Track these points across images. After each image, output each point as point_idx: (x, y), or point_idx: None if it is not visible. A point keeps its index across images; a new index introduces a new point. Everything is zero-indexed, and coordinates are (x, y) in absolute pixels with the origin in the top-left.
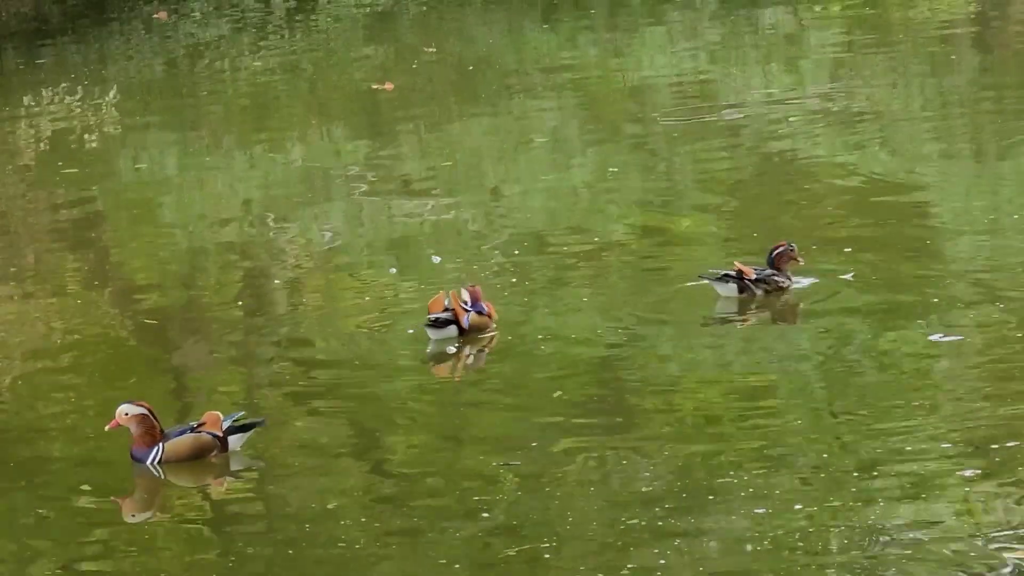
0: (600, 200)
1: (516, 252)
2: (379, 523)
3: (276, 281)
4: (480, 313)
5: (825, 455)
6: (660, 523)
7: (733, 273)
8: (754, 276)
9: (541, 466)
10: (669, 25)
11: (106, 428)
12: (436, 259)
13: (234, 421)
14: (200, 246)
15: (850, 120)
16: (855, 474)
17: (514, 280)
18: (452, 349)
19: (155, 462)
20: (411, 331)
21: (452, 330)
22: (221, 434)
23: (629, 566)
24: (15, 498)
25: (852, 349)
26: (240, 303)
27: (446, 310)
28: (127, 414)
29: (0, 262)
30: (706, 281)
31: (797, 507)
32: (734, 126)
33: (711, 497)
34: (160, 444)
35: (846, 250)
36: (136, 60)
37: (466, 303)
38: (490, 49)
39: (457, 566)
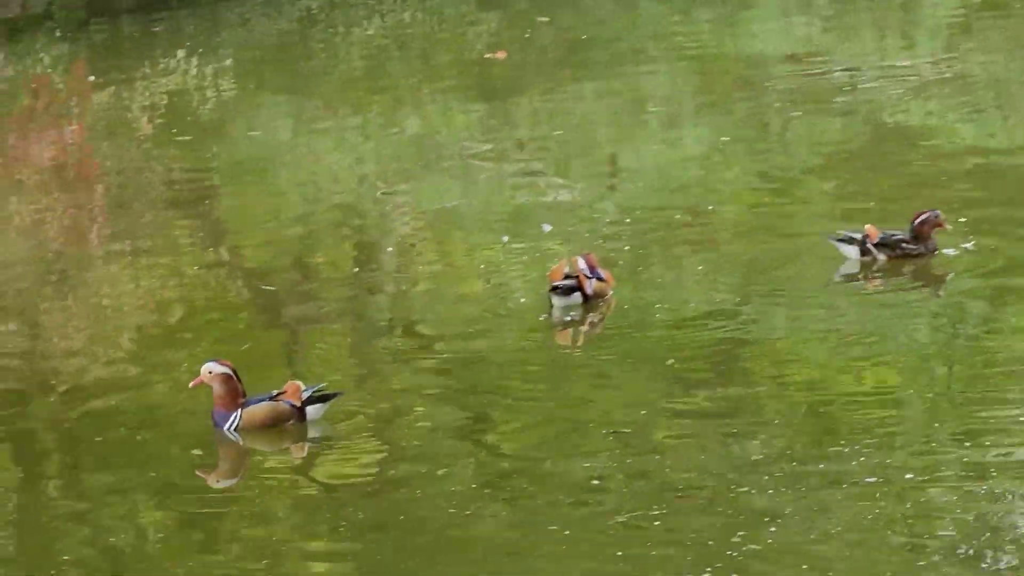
0: (713, 168)
1: (627, 220)
2: (489, 489)
3: (388, 248)
4: (599, 280)
5: (938, 427)
6: (771, 491)
7: (858, 236)
8: (877, 239)
9: (652, 434)
10: None
11: (190, 385)
12: (546, 227)
13: (314, 392)
14: (313, 212)
15: (966, 88)
16: (969, 448)
17: (627, 248)
18: (570, 316)
19: (232, 428)
20: (523, 300)
21: (576, 297)
22: (299, 404)
23: (740, 533)
24: (129, 457)
25: (971, 321)
26: (352, 270)
27: (567, 277)
28: (211, 372)
29: (117, 227)
30: (832, 241)
31: (908, 476)
32: (848, 94)
33: (821, 465)
34: (239, 410)
35: (961, 220)
36: (249, 28)
37: (584, 271)
38: (603, 18)
39: (567, 532)
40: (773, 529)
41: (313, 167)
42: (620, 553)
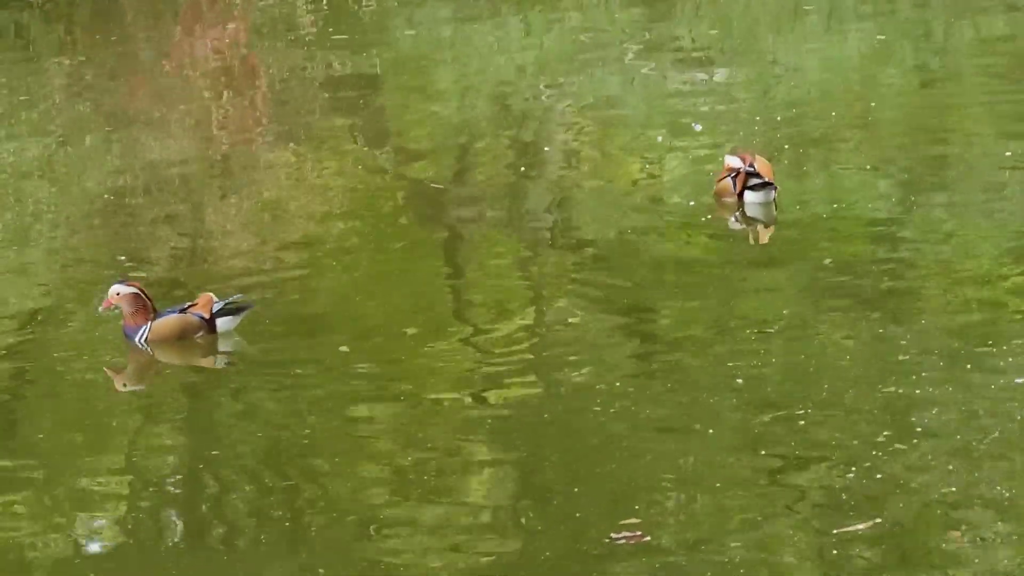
0: (874, 68)
1: (787, 119)
2: (633, 388)
3: (546, 148)
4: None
5: None
6: (917, 391)
7: None
8: None
9: (800, 333)
10: None
11: (99, 309)
12: (697, 126)
13: (227, 304)
14: (473, 110)
15: None
16: None
17: (786, 146)
18: (762, 214)
19: (142, 340)
20: (681, 198)
21: (770, 194)
22: (208, 316)
23: (885, 434)
24: (284, 357)
25: None
26: (512, 167)
27: (739, 173)
28: (119, 293)
29: (279, 128)
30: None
31: None
32: None
33: (968, 366)
34: (149, 323)
35: None
36: None
37: (744, 168)
38: None
39: (711, 431)
40: (919, 429)
41: (473, 65)
42: (763, 452)
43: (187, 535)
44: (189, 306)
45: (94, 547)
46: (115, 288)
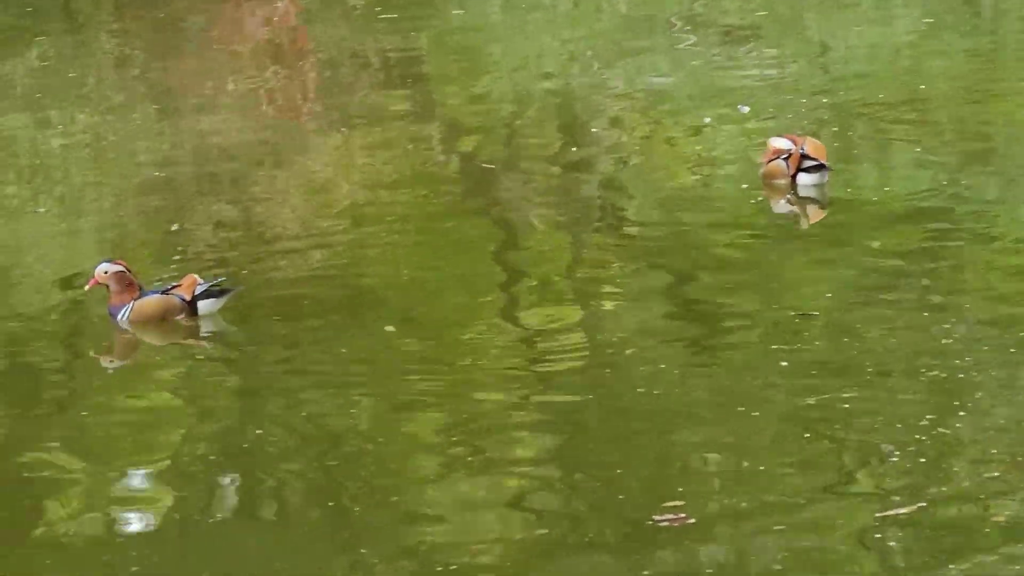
0: (923, 52)
1: (834, 99)
2: (678, 370)
3: (594, 128)
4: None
5: None
6: (962, 375)
7: None
8: None
9: (846, 316)
10: None
11: (86, 288)
12: (743, 108)
13: (211, 286)
14: (522, 90)
15: None
16: None
17: (835, 129)
18: (816, 195)
19: (124, 319)
20: (744, 186)
21: (824, 175)
22: (189, 298)
23: (929, 416)
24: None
25: None
26: (559, 148)
27: (792, 156)
28: (106, 272)
29: (328, 103)
30: None
31: None
32: None
33: (1012, 350)
34: (132, 303)
35: None
36: None
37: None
38: None
39: (756, 414)
40: (963, 413)
41: (522, 43)
42: (808, 435)
43: (230, 516)
44: (173, 287)
45: (135, 527)
46: (102, 267)
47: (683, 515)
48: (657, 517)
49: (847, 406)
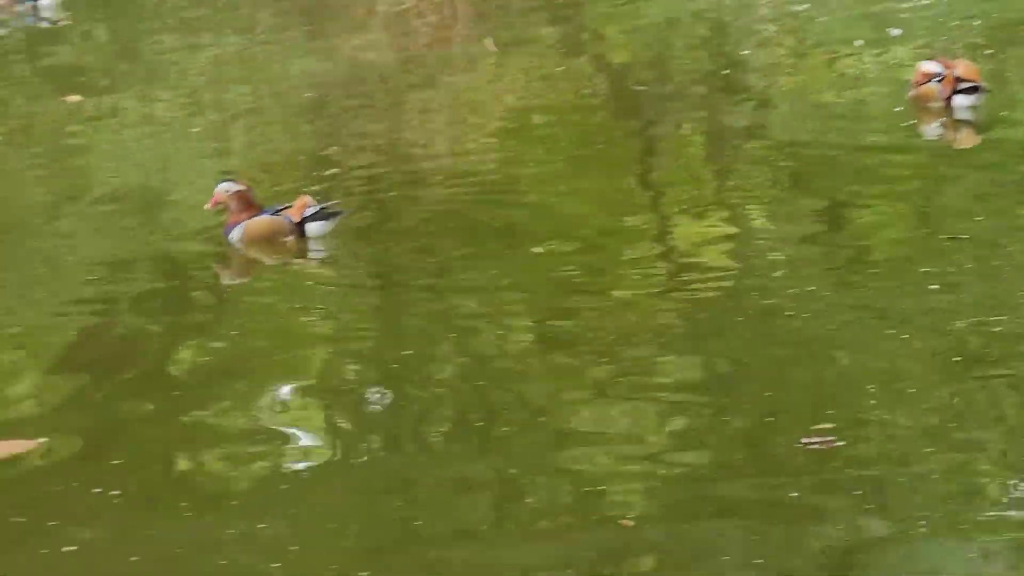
0: None
1: (977, 23)
2: (827, 292)
3: (745, 52)
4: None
5: None
6: None
7: None
8: None
9: (996, 238)
10: None
11: (207, 207)
12: (894, 31)
13: (321, 209)
14: (673, 15)
15: None
16: None
17: (987, 52)
18: (971, 116)
19: (236, 238)
20: (898, 109)
21: (981, 97)
22: (298, 220)
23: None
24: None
25: None
26: (710, 74)
27: (938, 78)
28: (227, 191)
29: (480, 27)
30: None
31: None
32: None
33: None
34: (244, 223)
35: None
36: None
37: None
38: None
39: (905, 337)
40: None
41: None
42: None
43: (382, 440)
44: (284, 208)
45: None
46: (223, 186)
47: (831, 438)
48: (805, 439)
49: (999, 328)
